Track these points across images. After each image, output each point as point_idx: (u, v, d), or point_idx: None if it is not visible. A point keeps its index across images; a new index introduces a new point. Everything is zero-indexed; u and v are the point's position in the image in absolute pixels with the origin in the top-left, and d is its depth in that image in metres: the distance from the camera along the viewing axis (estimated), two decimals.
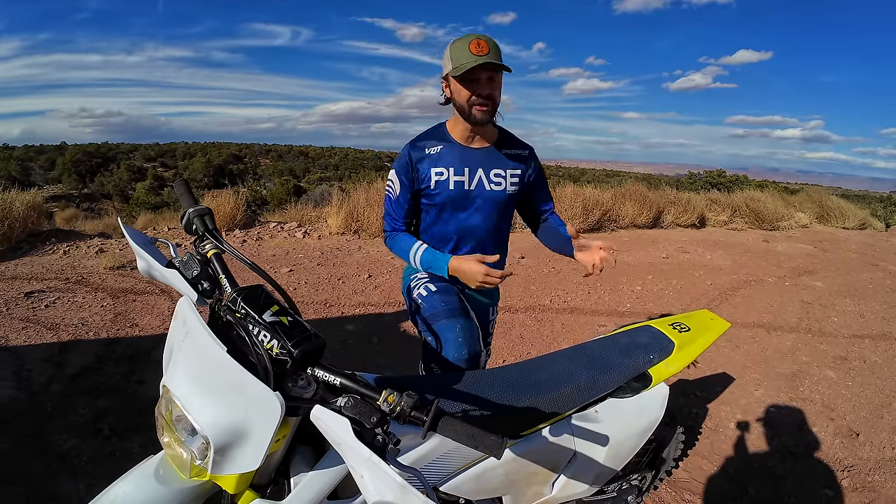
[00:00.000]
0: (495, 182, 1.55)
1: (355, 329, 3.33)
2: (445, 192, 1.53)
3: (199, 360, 0.74)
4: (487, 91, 1.40)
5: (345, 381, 0.75)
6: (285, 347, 0.75)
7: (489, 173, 1.55)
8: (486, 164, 1.55)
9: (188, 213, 0.98)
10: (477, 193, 1.55)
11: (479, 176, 1.54)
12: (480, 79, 1.38)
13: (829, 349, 3.54)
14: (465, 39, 1.37)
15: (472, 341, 1.40)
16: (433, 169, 1.52)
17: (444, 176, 1.52)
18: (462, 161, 1.53)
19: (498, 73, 1.41)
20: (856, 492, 2.07)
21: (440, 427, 0.71)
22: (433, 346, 1.41)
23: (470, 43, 1.33)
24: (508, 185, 1.57)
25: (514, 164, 1.59)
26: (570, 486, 1.25)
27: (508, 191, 1.57)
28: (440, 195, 1.54)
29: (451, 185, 1.52)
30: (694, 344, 1.43)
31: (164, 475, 0.81)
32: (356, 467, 0.69)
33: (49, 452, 1.96)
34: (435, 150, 1.53)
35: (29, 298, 3.44)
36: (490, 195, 1.56)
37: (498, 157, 1.57)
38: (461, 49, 1.35)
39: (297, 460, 0.88)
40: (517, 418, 1.13)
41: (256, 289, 0.84)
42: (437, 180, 1.52)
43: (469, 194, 1.55)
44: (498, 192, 1.56)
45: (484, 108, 1.41)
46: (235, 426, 0.70)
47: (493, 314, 1.87)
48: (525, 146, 1.63)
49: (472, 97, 1.40)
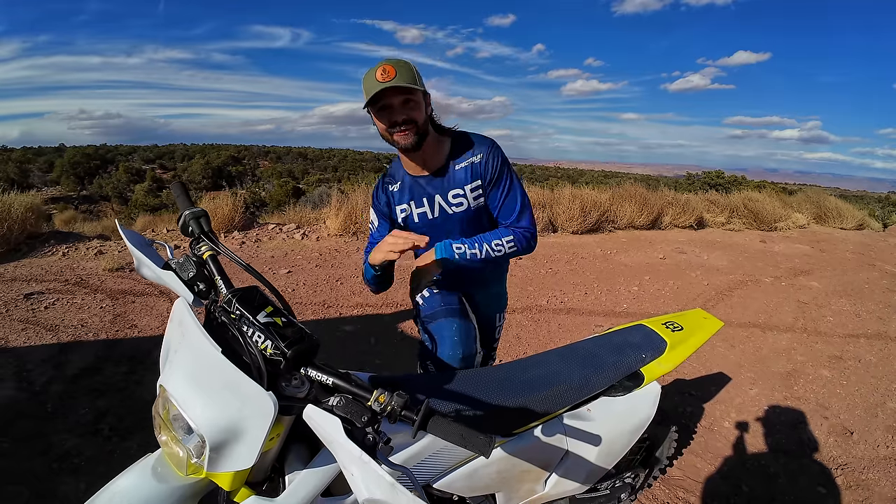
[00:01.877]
0: (455, 203, 1.48)
1: (353, 330, 3.35)
2: (415, 227, 1.52)
3: (195, 360, 0.76)
4: (403, 116, 1.32)
5: (337, 381, 0.77)
6: (279, 348, 0.76)
7: (447, 196, 1.48)
8: (441, 189, 1.48)
9: (184, 215, 1.00)
10: (441, 221, 1.51)
11: (439, 202, 1.49)
12: (394, 105, 1.32)
13: (824, 348, 3.55)
14: (373, 69, 1.30)
15: (468, 341, 1.41)
16: (397, 207, 1.53)
17: (407, 212, 1.51)
18: (419, 193, 1.49)
19: (414, 94, 1.33)
20: (850, 490, 2.09)
21: (430, 426, 0.73)
22: (429, 344, 1.43)
23: (376, 71, 1.28)
24: (471, 200, 1.48)
25: (470, 176, 1.47)
26: (562, 484, 1.27)
27: (472, 206, 1.49)
28: (412, 230, 1.51)
29: (416, 219, 1.51)
30: (686, 343, 1.45)
31: (161, 473, 0.83)
32: (347, 465, 0.70)
33: (50, 452, 1.97)
34: (394, 187, 1.52)
35: (28, 300, 3.45)
36: (455, 217, 1.50)
37: (451, 176, 1.47)
38: (369, 79, 1.29)
39: (291, 458, 0.90)
40: (509, 417, 1.15)
41: (251, 290, 0.86)
42: (403, 217, 1.52)
43: (436, 222, 1.51)
44: (461, 213, 1.49)
45: (405, 132, 1.34)
46: (230, 425, 0.72)
47: (500, 320, 1.86)
48: (478, 149, 1.47)
49: (389, 126, 1.35)
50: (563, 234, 7.09)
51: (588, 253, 6.08)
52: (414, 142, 1.36)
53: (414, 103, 1.34)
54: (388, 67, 1.27)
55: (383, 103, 1.32)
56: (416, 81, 1.31)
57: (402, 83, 1.27)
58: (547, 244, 6.40)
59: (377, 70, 1.28)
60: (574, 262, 5.61)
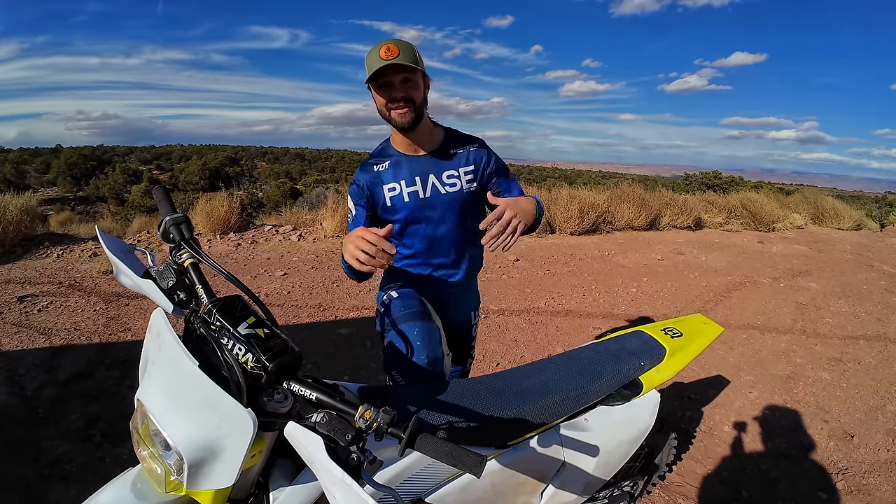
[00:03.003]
0: (449, 184, 1.51)
1: (349, 333, 3.32)
2: (403, 206, 1.50)
3: (173, 374, 0.73)
4: (402, 93, 1.36)
5: (320, 396, 0.74)
6: (260, 361, 0.73)
7: (441, 176, 1.51)
8: (435, 168, 1.51)
9: (164, 221, 0.96)
10: (434, 200, 1.51)
11: (432, 181, 1.50)
12: (394, 83, 1.35)
13: (823, 350, 3.53)
14: (377, 46, 1.34)
15: (433, 344, 1.36)
16: (385, 186, 1.50)
17: (396, 191, 1.50)
18: (411, 171, 1.50)
19: (414, 74, 1.36)
20: (850, 494, 2.07)
21: (417, 444, 0.69)
22: (391, 352, 1.37)
23: (380, 48, 1.31)
24: (464, 183, 1.52)
25: (466, 160, 1.53)
26: (558, 496, 1.24)
27: (465, 189, 1.53)
28: (399, 211, 1.51)
29: (406, 198, 1.50)
30: (686, 349, 1.42)
31: (141, 489, 0.80)
32: (329, 487, 0.67)
33: (41, 458, 1.95)
34: (383, 166, 1.51)
35: (22, 303, 3.42)
36: (447, 198, 1.52)
37: (446, 158, 1.52)
38: (372, 56, 1.33)
39: (276, 474, 0.87)
40: (504, 428, 1.12)
41: (233, 300, 0.83)
42: (392, 196, 1.50)
43: (427, 202, 1.51)
44: (454, 194, 1.52)
45: (402, 111, 1.38)
46: (208, 442, 0.69)
47: (474, 318, 1.83)
48: (474, 140, 1.57)
49: (388, 102, 1.38)
50: (560, 236, 7.07)
51: (586, 254, 6.05)
52: (411, 120, 1.39)
53: (413, 83, 1.37)
54: (392, 46, 1.31)
55: (384, 80, 1.35)
56: (417, 62, 1.35)
57: (404, 62, 1.30)
58: (545, 245, 6.38)
59: (381, 48, 1.31)
60: (572, 263, 5.58)
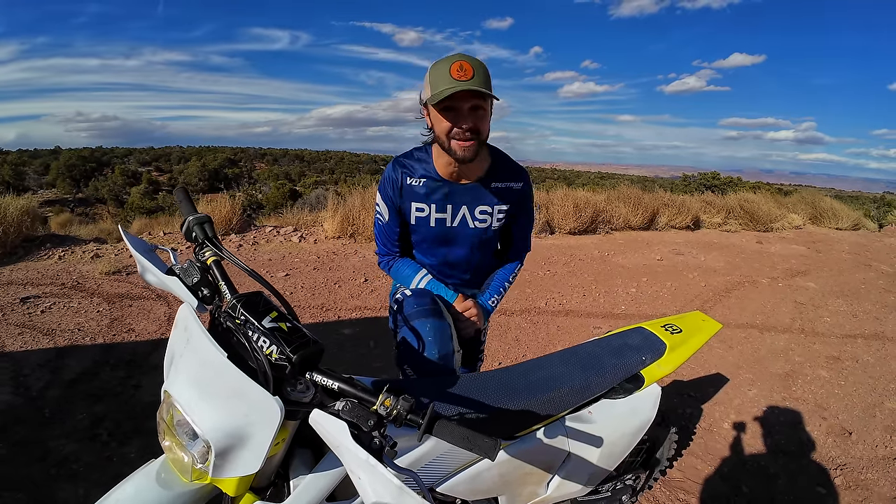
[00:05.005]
0: (480, 220, 1.42)
1: (352, 333, 3.35)
2: (425, 230, 1.44)
3: (201, 365, 0.76)
4: (470, 123, 1.20)
5: (342, 386, 0.77)
6: (284, 353, 0.76)
7: (474, 210, 1.41)
8: (470, 200, 1.40)
9: (188, 220, 0.99)
10: (459, 231, 1.44)
11: (463, 213, 1.41)
12: (462, 108, 1.19)
13: (821, 349, 3.57)
14: (447, 61, 1.17)
15: (444, 340, 1.35)
16: (414, 204, 1.41)
17: (424, 213, 1.41)
18: (445, 199, 1.40)
19: (485, 102, 1.21)
20: (848, 490, 2.10)
21: (436, 430, 0.73)
22: (404, 347, 1.38)
23: (452, 65, 1.14)
24: (494, 221, 1.44)
25: (503, 200, 1.42)
26: (564, 486, 1.27)
27: (494, 227, 1.45)
28: (419, 232, 1.46)
29: (433, 223, 1.42)
30: (686, 345, 1.45)
31: (165, 479, 0.82)
32: (354, 469, 0.70)
33: (48, 458, 1.96)
34: (417, 182, 1.39)
35: (25, 304, 3.43)
36: (473, 233, 1.44)
37: (485, 192, 1.40)
38: (441, 72, 1.16)
39: (296, 463, 0.90)
40: (512, 420, 1.15)
41: (255, 295, 0.86)
42: (418, 216, 1.41)
43: (451, 231, 1.44)
44: (481, 230, 1.44)
45: (467, 144, 1.22)
46: (236, 430, 0.72)
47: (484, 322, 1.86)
48: (519, 178, 1.44)
49: (453, 129, 1.21)
50: (560, 236, 7.10)
51: (586, 254, 6.09)
52: (473, 155, 1.25)
53: (483, 112, 1.23)
54: (466, 65, 1.15)
55: (449, 104, 1.19)
56: (490, 88, 1.19)
57: (478, 87, 1.15)
58: (545, 246, 6.41)
59: (452, 64, 1.15)
60: (572, 263, 5.62)
